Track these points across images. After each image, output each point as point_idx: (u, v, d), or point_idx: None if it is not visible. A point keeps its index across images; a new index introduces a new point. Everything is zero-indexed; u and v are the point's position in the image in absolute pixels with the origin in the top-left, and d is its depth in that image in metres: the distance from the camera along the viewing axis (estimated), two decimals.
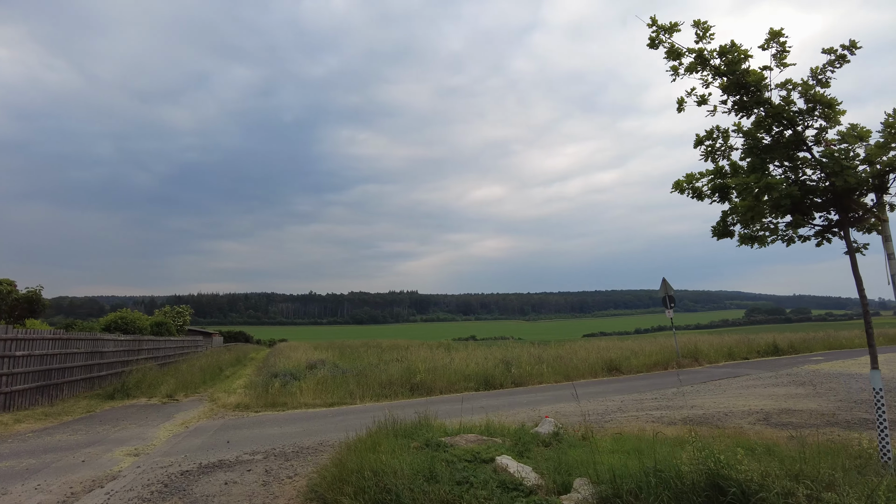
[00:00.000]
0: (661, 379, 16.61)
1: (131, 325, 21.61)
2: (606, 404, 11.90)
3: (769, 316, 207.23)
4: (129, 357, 18.92)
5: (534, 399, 12.71)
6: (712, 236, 5.81)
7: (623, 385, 15.26)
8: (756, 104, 5.26)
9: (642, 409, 11.19)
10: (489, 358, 17.20)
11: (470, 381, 14.76)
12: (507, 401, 12.49)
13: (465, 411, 10.70)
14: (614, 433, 7.50)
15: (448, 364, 15.64)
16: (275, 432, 9.07)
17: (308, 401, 12.88)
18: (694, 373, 18.14)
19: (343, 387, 13.91)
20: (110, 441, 8.76)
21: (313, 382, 14.11)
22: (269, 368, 18.65)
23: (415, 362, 15.52)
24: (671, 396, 12.88)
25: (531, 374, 15.71)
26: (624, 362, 18.57)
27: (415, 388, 13.90)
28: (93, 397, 15.18)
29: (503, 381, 15.02)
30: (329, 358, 20.06)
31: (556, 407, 11.52)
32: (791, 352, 26.14)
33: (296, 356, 21.46)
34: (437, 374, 14.54)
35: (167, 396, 16.16)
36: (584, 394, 13.60)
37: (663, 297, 22.30)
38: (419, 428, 7.35)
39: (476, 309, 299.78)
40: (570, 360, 17.57)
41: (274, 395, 13.37)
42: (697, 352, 21.82)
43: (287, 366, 18.14)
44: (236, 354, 35.55)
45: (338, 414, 11.14)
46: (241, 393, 15.75)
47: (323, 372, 14.95)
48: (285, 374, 15.96)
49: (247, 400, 13.74)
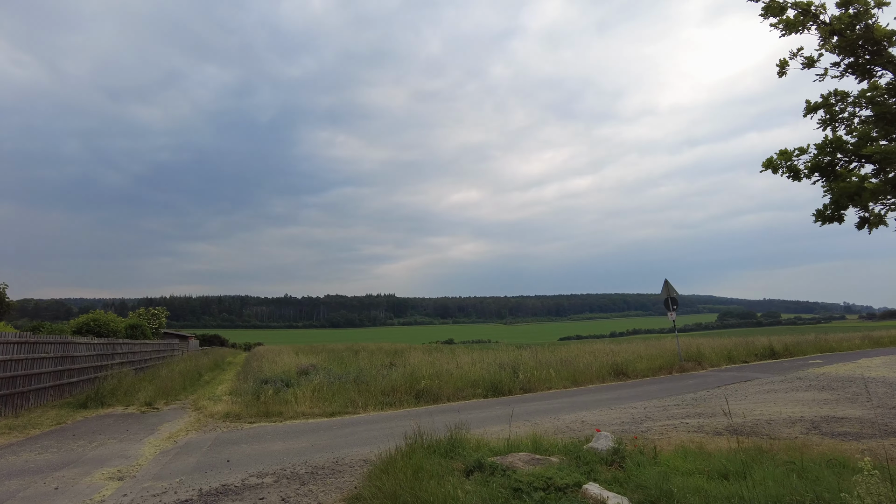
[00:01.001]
0: (673, 383, 15.92)
1: (105, 328, 20.10)
2: (630, 412, 11.08)
3: (741, 320, 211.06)
4: (103, 362, 17.48)
5: (551, 406, 11.82)
6: (815, 221, 4.98)
7: (637, 390, 14.50)
8: (884, 64, 4.45)
9: (671, 416, 10.40)
10: (494, 363, 16.27)
11: (477, 387, 13.81)
12: (524, 409, 11.58)
13: (484, 421, 9.77)
14: (675, 446, 6.64)
15: (454, 370, 14.67)
16: (279, 448, 7.97)
17: (306, 410, 11.77)
18: (701, 377, 17.51)
19: (342, 394, 12.83)
20: (88, 461, 7.55)
21: (309, 390, 12.99)
22: (257, 374, 17.42)
23: (417, 367, 14.51)
24: (693, 402, 12.14)
25: (539, 380, 14.84)
26: (629, 366, 17.87)
27: (420, 395, 12.89)
28: (63, 406, 13.80)
29: (511, 387, 14.11)
30: (320, 363, 18.89)
31: (580, 415, 10.66)
32: (787, 354, 25.90)
33: (283, 361, 20.23)
34: (443, 381, 13.56)
35: (146, 405, 14.85)
36: (601, 400, 12.79)
37: (665, 298, 21.71)
38: (456, 444, 6.39)
39: (454, 312, 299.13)
40: (576, 365, 16.76)
41: (267, 404, 12.23)
42: (700, 355, 21.27)
43: (276, 371, 16.95)
44: (214, 359, 34.03)
45: (343, 425, 10.08)
46: (228, 401, 14.53)
47: (319, 378, 13.83)
48: (276, 381, 14.79)
49: (236, 409, 12.57)
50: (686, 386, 15.30)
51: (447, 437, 6.68)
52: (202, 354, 34.41)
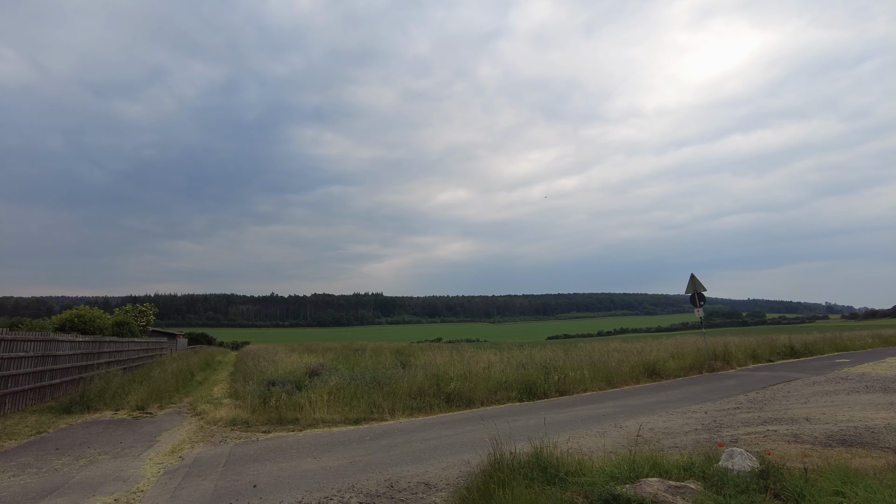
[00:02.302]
0: (712, 384, 14.73)
1: (90, 325, 18.45)
2: (694, 417, 9.83)
3: (727, 319, 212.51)
4: (89, 361, 15.86)
5: (601, 411, 10.52)
6: None
7: (680, 392, 13.27)
8: None
9: (745, 422, 9.15)
10: (522, 363, 14.94)
11: (511, 389, 12.48)
12: (571, 415, 10.27)
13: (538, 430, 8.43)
14: (815, 465, 5.37)
15: (481, 370, 13.31)
16: (312, 467, 6.54)
17: (325, 416, 10.33)
18: (737, 376, 16.37)
19: (363, 398, 11.42)
20: (76, 486, 6.07)
21: (325, 393, 11.55)
22: (257, 375, 15.94)
23: (444, 368, 13.13)
24: (753, 405, 10.92)
25: (574, 381, 13.56)
26: (660, 365, 16.69)
27: (450, 399, 11.51)
28: (44, 411, 12.24)
29: (547, 390, 12.81)
30: (328, 363, 17.42)
31: (641, 421, 9.37)
32: (807, 353, 25.08)
33: (285, 361, 18.71)
34: (473, 382, 12.20)
35: (138, 409, 13.33)
36: (650, 403, 11.53)
37: (691, 294, 20.56)
38: (549, 464, 5.06)
39: (441, 311, 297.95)
40: (608, 364, 15.52)
41: (280, 410, 10.79)
42: (727, 354, 20.18)
43: (280, 372, 15.46)
44: (204, 358, 32.40)
45: (376, 435, 8.66)
46: (230, 405, 13.06)
47: (334, 380, 12.38)
48: (284, 383, 13.32)
49: (243, 414, 11.12)
50: (729, 387, 14.14)
51: (532, 454, 5.35)
52: (192, 353, 32.72)
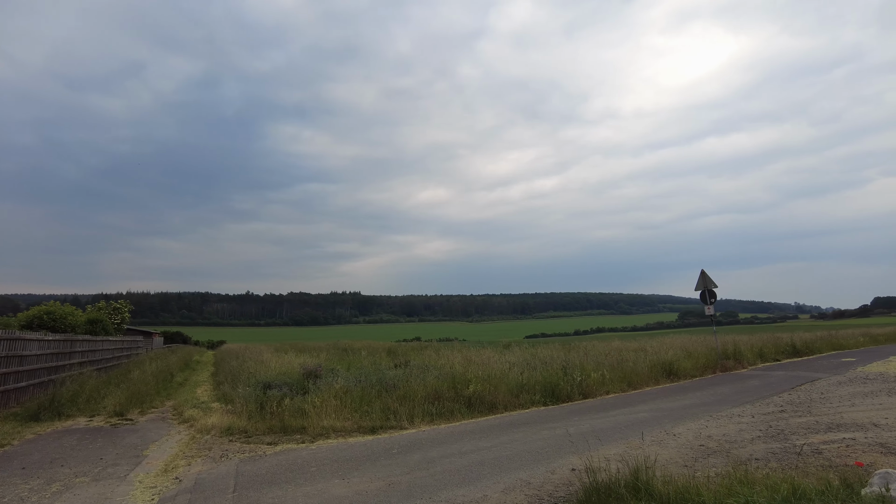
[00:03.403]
0: (736, 384, 13.91)
1: (61, 322, 16.86)
2: (741, 423, 8.91)
3: (701, 319, 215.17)
4: (60, 362, 14.36)
5: (639, 417, 9.55)
6: None
7: (708, 393, 12.40)
8: None
9: (807, 429, 8.24)
10: (539, 362, 13.93)
11: (533, 392, 11.44)
12: (609, 421, 9.26)
13: (583, 440, 7.42)
14: None
15: (506, 371, 12.24)
16: (343, 492, 5.36)
17: (336, 424, 9.15)
18: (756, 376, 15.63)
19: (375, 403, 10.27)
20: None
21: (331, 396, 10.37)
22: (249, 376, 14.66)
23: (459, 369, 12.01)
24: (799, 408, 10.05)
25: (596, 382, 12.61)
26: (677, 365, 15.87)
27: (471, 403, 10.42)
28: (8, 419, 10.81)
29: (570, 392, 11.81)
30: (326, 363, 16.17)
31: (688, 426, 8.43)
32: (808, 352, 24.71)
33: (276, 361, 17.38)
34: (493, 384, 11.13)
35: (116, 414, 11.98)
36: (686, 406, 10.60)
37: (702, 291, 19.80)
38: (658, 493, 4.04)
39: (420, 310, 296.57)
40: (625, 364, 14.62)
41: (282, 416, 9.58)
42: (738, 353, 19.51)
43: (272, 374, 14.20)
44: (182, 357, 30.84)
45: (403, 448, 7.51)
46: (220, 409, 11.77)
47: (340, 383, 11.19)
48: (281, 385, 12.10)
49: (239, 421, 9.88)
50: (755, 387, 13.35)
51: (629, 478, 4.32)
52: (169, 353, 31.05)
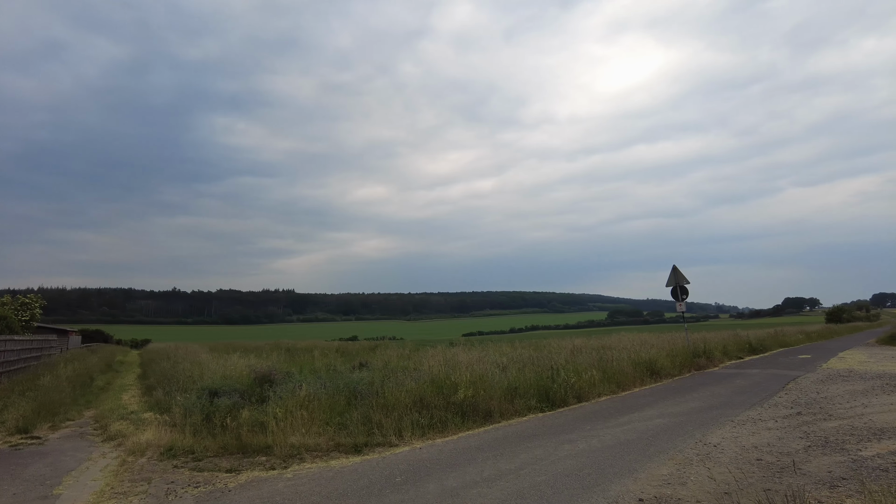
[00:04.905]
0: (724, 384, 13.13)
1: None
2: (768, 428, 7.95)
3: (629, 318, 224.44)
4: None
5: (656, 424, 8.42)
6: None
7: (706, 395, 11.49)
8: None
9: (852, 434, 7.32)
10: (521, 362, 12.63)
11: (528, 396, 10.13)
12: (626, 430, 8.06)
13: (615, 454, 6.15)
14: None
15: (499, 374, 10.79)
16: None
17: (305, 441, 7.44)
18: (737, 375, 15.03)
19: (350, 413, 8.61)
20: None
21: (296, 406, 8.61)
22: (186, 381, 12.58)
23: (444, 371, 10.48)
24: (813, 411, 9.27)
25: (589, 384, 11.47)
26: (658, 363, 15.10)
27: (464, 411, 8.95)
28: None
29: (565, 396, 10.58)
30: (280, 366, 14.18)
31: (719, 435, 7.35)
32: (763, 350, 25.09)
33: (218, 363, 15.18)
34: (485, 389, 9.70)
35: (19, 431, 9.71)
36: (692, 411, 9.59)
37: (673, 287, 19.27)
38: None
39: (357, 309, 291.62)
40: (610, 363, 13.60)
41: (236, 431, 7.77)
42: (708, 351, 19.11)
43: (216, 378, 12.18)
44: (104, 358, 27.63)
45: (408, 476, 5.91)
46: (155, 422, 9.70)
47: (305, 388, 9.43)
48: (230, 392, 10.19)
49: (182, 438, 7.98)
50: (745, 387, 12.64)
51: None
52: (89, 353, 27.71)
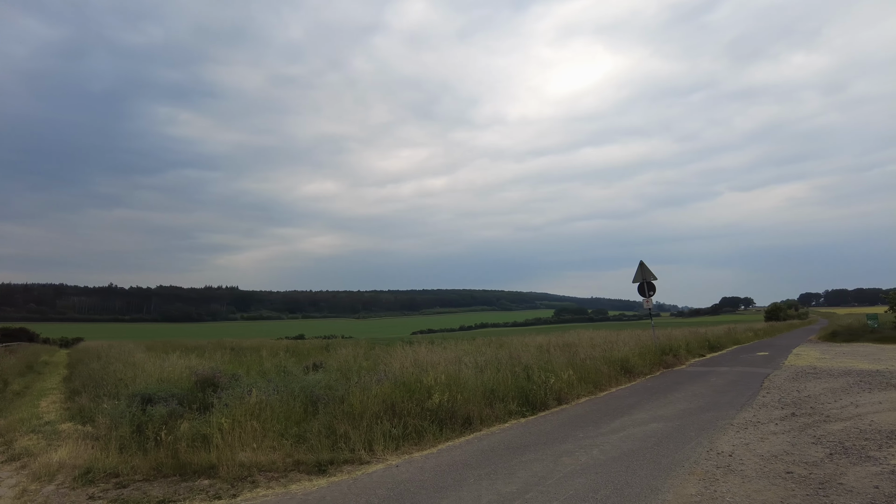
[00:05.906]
0: (699, 383, 12.62)
1: None
2: (772, 432, 7.32)
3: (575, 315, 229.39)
4: None
5: (651, 428, 7.64)
6: None
7: (689, 394, 10.89)
8: None
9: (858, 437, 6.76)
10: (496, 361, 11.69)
11: (507, 400, 9.19)
12: (623, 436, 7.22)
13: (614, 470, 5.30)
14: None
15: (474, 376, 9.77)
16: None
17: (258, 458, 6.22)
18: (710, 373, 14.62)
19: (308, 422, 7.42)
20: None
21: (245, 415, 7.34)
22: (117, 384, 11.02)
23: (412, 372, 9.38)
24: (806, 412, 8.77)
25: (567, 385, 10.67)
26: (631, 362, 14.54)
27: (441, 418, 7.91)
28: None
29: (545, 398, 9.72)
30: (224, 367, 12.70)
31: (726, 442, 6.64)
32: (720, 347, 25.25)
33: (155, 364, 13.51)
34: (461, 391, 8.70)
35: None
36: (681, 413, 8.91)
37: (640, 283, 18.83)
38: None
39: (304, 307, 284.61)
40: (584, 362, 12.88)
41: (172, 447, 6.46)
42: (673, 348, 18.78)
43: (151, 381, 10.67)
44: (24, 358, 24.99)
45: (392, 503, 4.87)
46: (75, 434, 8.18)
47: (255, 394, 8.15)
48: (167, 399, 8.78)
49: (105, 456, 6.58)
50: (724, 386, 12.15)
51: None
52: (6, 353, 25.00)
